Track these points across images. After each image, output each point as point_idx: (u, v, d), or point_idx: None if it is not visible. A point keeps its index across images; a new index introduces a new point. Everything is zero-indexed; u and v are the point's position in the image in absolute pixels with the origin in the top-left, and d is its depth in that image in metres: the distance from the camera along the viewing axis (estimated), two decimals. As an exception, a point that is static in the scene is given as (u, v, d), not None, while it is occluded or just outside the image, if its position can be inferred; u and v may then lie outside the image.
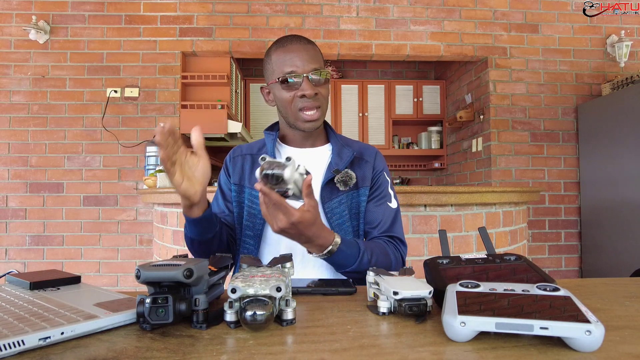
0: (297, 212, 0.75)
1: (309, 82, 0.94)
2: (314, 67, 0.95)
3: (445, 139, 4.22)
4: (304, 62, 0.94)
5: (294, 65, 0.94)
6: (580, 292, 0.66)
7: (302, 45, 0.96)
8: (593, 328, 0.40)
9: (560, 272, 3.23)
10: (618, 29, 3.27)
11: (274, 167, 0.72)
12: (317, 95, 0.96)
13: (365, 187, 1.01)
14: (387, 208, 1.03)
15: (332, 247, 0.83)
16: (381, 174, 1.05)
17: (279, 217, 0.76)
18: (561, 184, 3.25)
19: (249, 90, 4.04)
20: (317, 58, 0.97)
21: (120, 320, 0.50)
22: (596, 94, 3.25)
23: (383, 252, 0.94)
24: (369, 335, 0.48)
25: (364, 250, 0.88)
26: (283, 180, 0.72)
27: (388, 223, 1.01)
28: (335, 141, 1.05)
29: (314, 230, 0.79)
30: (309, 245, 0.83)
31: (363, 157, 1.05)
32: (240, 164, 1.05)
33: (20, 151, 3.02)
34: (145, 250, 3.03)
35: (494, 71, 3.25)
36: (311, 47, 0.98)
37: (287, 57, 0.95)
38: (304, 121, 0.97)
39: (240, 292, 0.49)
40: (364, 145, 1.10)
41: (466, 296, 0.49)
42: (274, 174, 0.72)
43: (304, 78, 0.94)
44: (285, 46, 0.96)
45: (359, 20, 3.21)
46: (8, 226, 3.00)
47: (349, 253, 0.86)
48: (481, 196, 1.93)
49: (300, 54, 0.95)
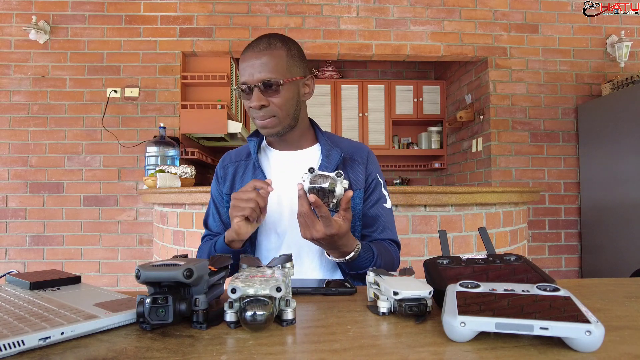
0: (336, 225, 0.78)
1: (257, 93, 0.91)
2: (262, 78, 0.91)
3: (445, 139, 4.22)
4: (253, 72, 0.92)
5: (245, 75, 0.93)
6: (580, 292, 0.66)
7: (255, 53, 0.92)
8: (593, 328, 0.40)
9: (560, 272, 3.23)
10: (618, 29, 3.27)
11: (325, 181, 0.74)
12: (268, 107, 0.93)
13: (359, 189, 1.00)
14: (384, 210, 1.03)
15: (354, 253, 0.86)
16: (375, 176, 1.05)
17: (316, 227, 0.78)
18: (561, 184, 3.25)
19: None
20: (268, 66, 0.91)
21: (120, 321, 0.50)
22: (596, 94, 3.25)
23: (388, 254, 0.97)
24: (369, 335, 0.48)
25: (377, 254, 0.91)
26: (333, 194, 0.74)
27: (386, 225, 1.03)
28: (323, 141, 1.03)
29: (344, 240, 0.82)
30: (333, 251, 0.86)
31: (354, 157, 1.03)
32: (232, 172, 1.05)
33: (21, 151, 3.02)
34: (145, 251, 3.03)
35: (494, 71, 3.25)
36: (265, 53, 0.92)
37: (242, 65, 0.94)
38: (259, 128, 0.97)
39: (240, 292, 0.49)
40: (354, 145, 1.07)
41: (466, 296, 0.49)
42: (323, 188, 0.74)
43: (253, 89, 0.92)
44: (244, 54, 0.95)
45: (359, 20, 3.21)
46: (8, 226, 3.00)
47: (366, 257, 0.89)
48: (481, 196, 1.93)
49: (251, 62, 0.92)
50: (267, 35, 0.96)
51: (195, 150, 3.08)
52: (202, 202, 1.97)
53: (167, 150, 2.71)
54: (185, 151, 3.01)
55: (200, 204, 2.00)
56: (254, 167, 1.02)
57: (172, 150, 2.73)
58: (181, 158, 2.89)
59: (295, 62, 0.96)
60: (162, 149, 2.69)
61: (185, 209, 2.08)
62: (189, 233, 2.06)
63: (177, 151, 2.77)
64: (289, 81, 0.93)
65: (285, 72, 0.93)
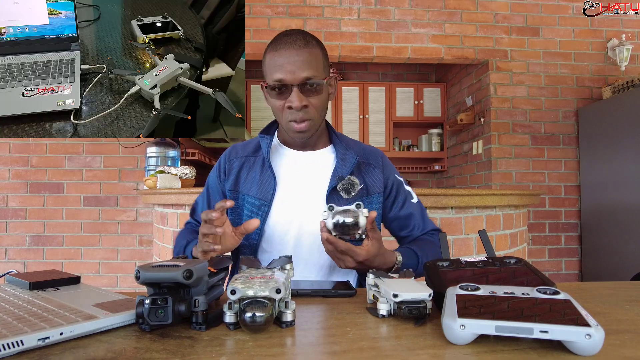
0: (363, 252, 0.79)
1: (298, 93, 0.85)
2: (305, 76, 0.85)
3: (446, 141, 4.22)
4: (294, 70, 0.85)
5: (283, 72, 0.85)
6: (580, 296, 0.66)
7: (295, 50, 0.85)
8: (593, 332, 0.40)
9: (560, 276, 3.22)
10: (619, 33, 3.28)
11: (347, 216, 0.76)
12: (307, 108, 0.88)
13: (377, 193, 0.99)
14: (413, 206, 1.04)
15: (396, 266, 0.87)
16: (394, 178, 1.04)
17: (346, 260, 0.80)
18: (561, 187, 3.25)
19: (249, 91, 4.04)
20: (311, 64, 0.86)
21: (119, 321, 0.50)
22: (597, 98, 3.25)
23: (432, 247, 0.97)
24: (369, 337, 0.48)
25: (421, 256, 0.92)
26: (357, 226, 0.76)
27: (421, 220, 1.04)
28: (338, 144, 1.01)
29: (379, 259, 0.83)
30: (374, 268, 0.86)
31: (369, 162, 1.02)
32: (237, 168, 1.00)
33: (21, 151, 3.02)
34: (145, 251, 3.03)
35: (494, 74, 3.25)
36: (306, 50, 0.86)
37: (277, 61, 0.86)
38: (293, 132, 0.92)
39: (240, 293, 0.48)
40: (368, 148, 1.06)
41: (466, 299, 0.49)
42: (347, 223, 0.76)
43: (293, 89, 0.85)
44: (278, 49, 0.87)
45: (360, 22, 3.22)
46: (8, 226, 3.00)
47: (410, 264, 0.89)
48: (481, 199, 1.93)
49: (292, 59, 0.85)
50: (298, 31, 0.90)
51: (196, 151, 3.09)
52: (202, 203, 1.97)
53: (168, 151, 2.71)
54: (186, 152, 3.02)
55: (201, 205, 2.00)
56: (262, 164, 0.98)
57: (172, 151, 2.73)
58: (181, 159, 2.89)
59: (327, 60, 0.93)
60: (163, 150, 2.69)
61: (186, 209, 2.08)
62: (188, 234, 2.06)
63: (177, 152, 2.77)
64: (326, 80, 0.90)
65: (322, 71, 0.89)
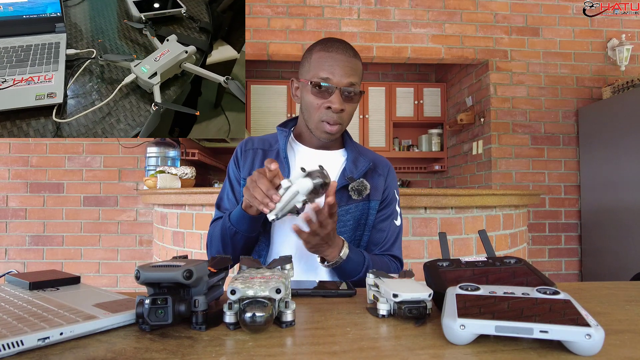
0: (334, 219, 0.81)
1: (339, 96, 0.90)
2: (350, 81, 0.91)
3: (446, 141, 4.22)
4: (342, 73, 0.90)
5: (331, 72, 0.90)
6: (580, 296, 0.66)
7: (346, 56, 0.92)
8: (593, 332, 0.40)
9: (560, 276, 3.22)
10: (619, 33, 3.28)
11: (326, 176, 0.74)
12: (343, 112, 0.93)
13: (376, 200, 1.01)
14: (393, 226, 1.04)
15: (345, 249, 0.87)
16: (392, 191, 1.06)
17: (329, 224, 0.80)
18: (561, 187, 3.25)
19: (249, 92, 4.04)
20: (357, 72, 0.93)
21: (119, 321, 0.50)
22: (597, 98, 3.25)
23: (383, 263, 0.97)
24: (368, 337, 0.48)
25: (368, 258, 0.91)
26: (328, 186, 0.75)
27: (391, 241, 1.03)
28: (351, 148, 1.04)
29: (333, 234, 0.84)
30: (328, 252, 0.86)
31: (377, 169, 1.05)
32: (251, 158, 1.02)
33: (21, 151, 3.02)
34: (145, 251, 3.03)
35: (494, 74, 3.25)
36: (355, 60, 0.93)
37: (327, 62, 0.91)
38: (322, 132, 0.96)
39: (240, 293, 0.48)
40: (378, 157, 1.09)
41: (466, 299, 0.49)
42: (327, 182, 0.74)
43: (337, 90, 0.90)
44: (330, 50, 0.92)
45: (360, 22, 3.22)
46: (8, 226, 3.00)
47: (356, 260, 0.89)
48: (481, 199, 1.93)
49: (342, 63, 0.90)
50: (344, 41, 0.96)
51: (196, 152, 3.09)
52: (202, 203, 1.97)
53: (168, 151, 2.71)
54: (186, 152, 3.02)
55: (201, 204, 2.00)
56: (277, 156, 1.01)
57: (172, 151, 2.73)
58: (181, 159, 2.89)
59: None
60: (163, 150, 2.69)
61: (186, 210, 2.08)
62: (188, 234, 2.06)
63: (177, 152, 2.77)
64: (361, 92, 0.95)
65: (360, 83, 0.95)
